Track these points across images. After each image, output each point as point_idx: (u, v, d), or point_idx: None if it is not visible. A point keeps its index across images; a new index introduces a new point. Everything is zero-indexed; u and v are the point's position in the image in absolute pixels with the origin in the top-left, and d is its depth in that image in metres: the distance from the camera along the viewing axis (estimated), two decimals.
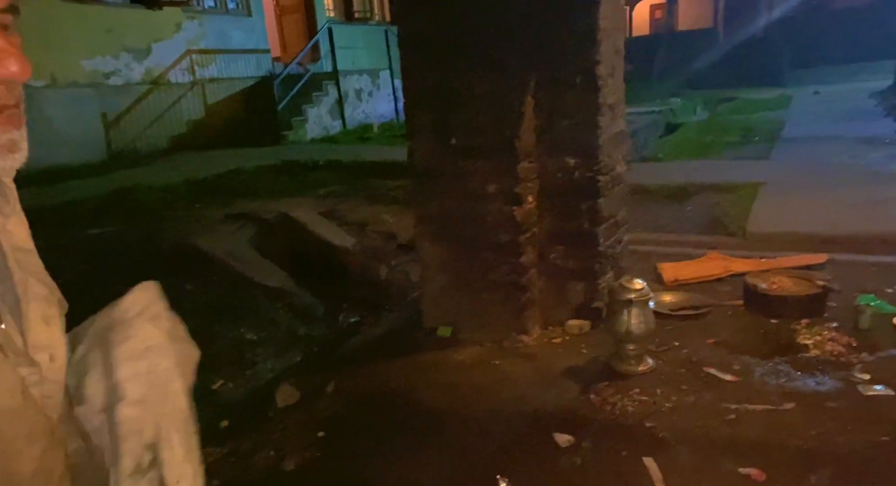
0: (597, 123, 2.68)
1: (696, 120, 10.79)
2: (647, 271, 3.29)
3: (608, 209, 2.80)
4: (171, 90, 9.22)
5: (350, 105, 11.39)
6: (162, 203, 5.64)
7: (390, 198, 5.76)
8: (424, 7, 2.69)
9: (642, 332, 2.34)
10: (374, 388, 2.48)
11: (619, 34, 2.85)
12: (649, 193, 5.15)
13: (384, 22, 13.50)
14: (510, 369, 2.51)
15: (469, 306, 2.87)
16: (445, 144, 2.80)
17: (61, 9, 7.63)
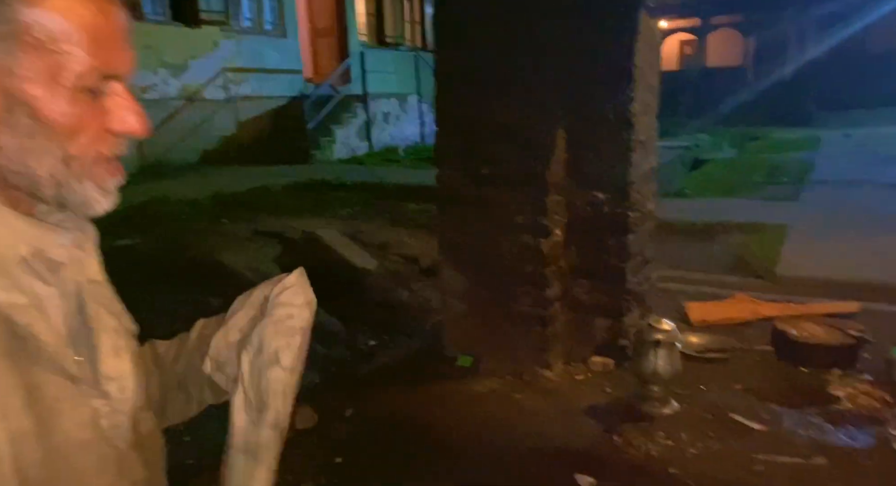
0: (628, 159, 2.67)
1: (723, 157, 10.73)
2: (673, 309, 3.24)
3: (637, 246, 2.77)
4: (205, 106, 9.43)
5: (377, 127, 11.54)
6: (189, 217, 5.73)
7: (414, 221, 5.78)
8: (463, 40, 2.73)
9: (669, 374, 2.29)
10: (392, 415, 2.46)
11: (653, 72, 2.86)
12: (674, 230, 5.10)
13: (415, 47, 13.73)
14: (531, 404, 2.47)
15: (490, 337, 2.85)
16: (474, 173, 2.81)
17: None
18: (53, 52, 0.56)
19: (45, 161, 0.59)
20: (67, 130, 0.58)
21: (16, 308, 0.59)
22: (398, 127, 12.24)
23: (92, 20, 0.58)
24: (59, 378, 0.62)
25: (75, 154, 0.59)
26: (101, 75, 0.59)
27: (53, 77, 0.56)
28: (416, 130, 12.56)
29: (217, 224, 5.49)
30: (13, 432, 0.57)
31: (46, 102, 0.57)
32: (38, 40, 0.55)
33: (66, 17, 0.56)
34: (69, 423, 0.63)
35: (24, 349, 0.59)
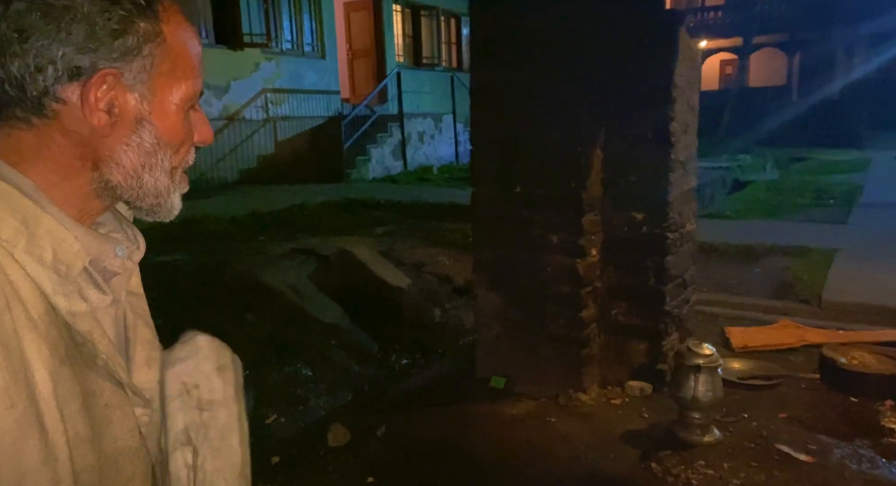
0: (668, 178, 2.62)
1: (765, 178, 10.49)
2: (714, 334, 3.15)
3: (676, 267, 2.71)
4: (245, 126, 9.68)
5: (412, 147, 11.66)
6: (228, 234, 5.85)
7: (447, 240, 5.78)
8: (498, 59, 2.74)
9: (710, 400, 2.22)
10: (424, 435, 2.43)
11: (693, 90, 2.82)
12: (715, 252, 4.98)
13: (451, 68, 13.88)
14: (566, 428, 2.41)
15: (524, 358, 2.81)
16: (509, 193, 2.80)
17: None
18: (175, 82, 0.64)
19: (156, 174, 0.65)
20: (176, 145, 0.66)
21: (76, 316, 0.61)
22: (433, 146, 12.34)
23: (197, 49, 0.66)
24: (112, 385, 0.64)
25: (176, 165, 0.67)
26: (200, 96, 0.67)
27: (173, 101, 0.64)
28: (451, 150, 12.63)
29: (255, 241, 5.59)
30: (70, 436, 0.59)
31: (169, 124, 0.64)
32: (165, 73, 0.63)
33: (182, 47, 0.64)
34: (119, 430, 0.65)
35: (82, 356, 0.62)
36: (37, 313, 0.58)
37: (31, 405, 0.56)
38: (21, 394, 0.55)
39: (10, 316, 0.56)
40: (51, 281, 0.59)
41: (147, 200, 0.66)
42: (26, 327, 0.57)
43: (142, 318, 0.73)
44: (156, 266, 4.43)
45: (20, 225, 0.58)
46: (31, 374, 0.57)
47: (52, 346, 0.58)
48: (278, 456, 2.37)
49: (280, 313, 3.75)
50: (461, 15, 13.97)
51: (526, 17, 2.66)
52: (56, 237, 0.60)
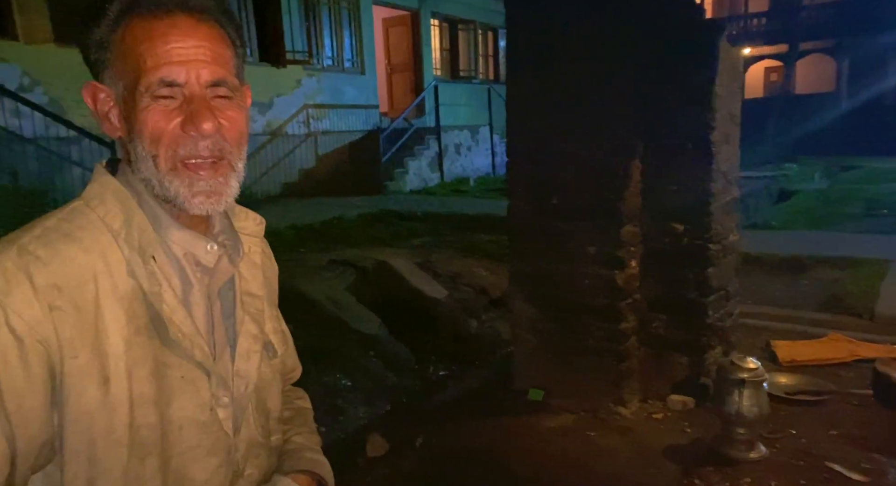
0: (708, 189, 2.58)
1: (813, 188, 10.16)
2: (759, 347, 3.06)
3: (718, 280, 2.65)
4: (287, 141, 9.92)
5: (449, 159, 11.73)
6: (271, 246, 5.98)
7: (483, 251, 5.79)
8: (536, 71, 2.76)
9: (755, 415, 2.15)
10: (461, 447, 2.43)
11: (734, 100, 2.77)
12: (760, 263, 4.84)
13: (488, 80, 13.95)
14: (605, 442, 2.38)
15: (562, 371, 2.78)
16: (546, 204, 2.80)
17: None
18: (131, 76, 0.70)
19: (146, 164, 0.72)
20: (148, 135, 0.71)
21: (156, 296, 0.71)
22: (469, 158, 12.38)
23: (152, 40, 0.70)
24: (189, 363, 0.73)
25: (157, 154, 0.72)
26: (162, 83, 0.70)
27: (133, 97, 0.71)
28: (488, 161, 12.65)
29: (295, 253, 5.70)
30: (135, 394, 0.69)
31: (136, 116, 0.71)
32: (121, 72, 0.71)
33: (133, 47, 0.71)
34: (189, 402, 0.73)
35: (161, 331, 0.71)
36: (124, 290, 0.70)
37: (95, 359, 0.67)
38: (86, 348, 0.67)
39: (95, 287, 0.68)
40: (137, 264, 0.71)
41: (158, 191, 0.74)
42: (111, 297, 0.69)
43: (251, 315, 0.82)
44: None
45: (125, 219, 0.72)
46: (106, 335, 0.68)
47: (130, 317, 0.69)
48: None
49: (319, 324, 3.81)
50: (498, 28, 14.04)
51: (563, 29, 2.67)
52: (142, 227, 0.73)
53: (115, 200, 0.73)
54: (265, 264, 0.89)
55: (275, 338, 0.86)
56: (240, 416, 0.78)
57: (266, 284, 0.87)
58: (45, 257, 0.67)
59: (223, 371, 0.76)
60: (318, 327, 3.79)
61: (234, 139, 0.76)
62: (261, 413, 0.83)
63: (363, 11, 11.19)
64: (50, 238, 0.69)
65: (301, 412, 0.99)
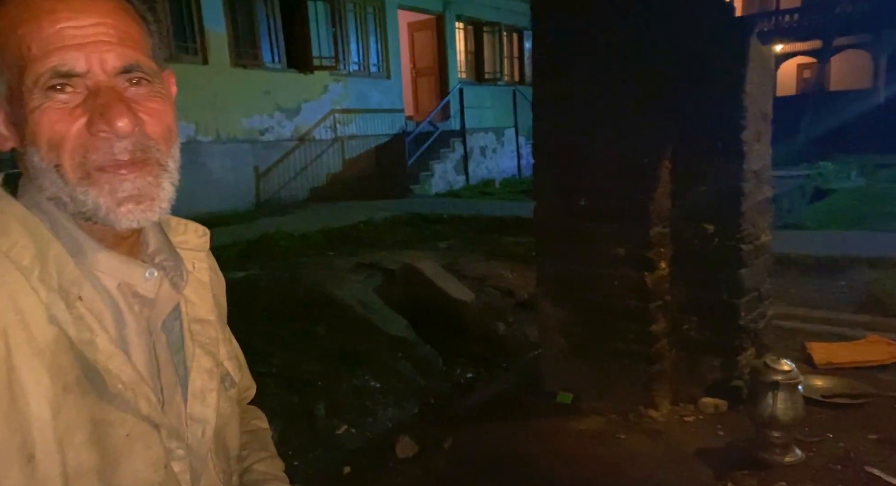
0: (740, 189, 2.54)
1: (850, 186, 9.90)
2: (793, 349, 3.00)
3: (751, 281, 2.61)
4: (314, 146, 10.06)
5: (474, 161, 11.74)
6: (299, 250, 6.07)
7: (510, 254, 5.78)
8: (562, 72, 2.75)
9: (790, 418, 2.11)
10: (491, 449, 2.44)
11: (766, 98, 2.73)
12: (795, 265, 4.74)
13: (513, 82, 13.93)
14: (636, 445, 2.36)
15: (591, 374, 2.77)
16: (573, 205, 2.79)
17: (229, 73, 8.70)
18: (13, 68, 0.57)
19: (48, 177, 0.59)
20: (45, 142, 0.58)
21: (87, 344, 0.58)
22: (495, 160, 12.38)
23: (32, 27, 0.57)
24: (133, 417, 0.61)
25: (59, 162, 0.58)
26: (56, 74, 0.57)
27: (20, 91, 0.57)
28: (513, 164, 12.63)
29: (324, 256, 5.77)
30: (70, 466, 0.56)
31: (26, 118, 0.57)
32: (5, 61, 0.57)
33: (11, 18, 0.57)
34: (140, 462, 0.61)
35: (96, 385, 0.58)
36: (44, 341, 0.56)
37: (16, 434, 0.54)
38: (1, 424, 0.54)
39: (4, 344, 0.55)
40: (59, 309, 0.57)
41: (71, 207, 0.60)
42: (28, 353, 0.55)
43: (203, 347, 0.71)
44: (232, 281, 4.66)
45: (37, 253, 0.58)
46: (26, 402, 0.55)
47: (55, 373, 0.56)
48: (349, 467, 2.43)
49: (348, 326, 3.85)
50: (524, 29, 14.01)
51: (589, 29, 2.66)
52: (60, 263, 0.58)
53: (21, 228, 0.58)
54: (213, 281, 0.76)
55: (230, 365, 0.74)
56: (199, 465, 0.67)
57: (216, 305, 0.75)
58: None
59: (175, 419, 0.65)
60: (346, 329, 3.83)
61: (159, 135, 0.62)
62: (221, 457, 0.72)
63: (388, 16, 11.29)
64: None
65: (258, 434, 0.88)
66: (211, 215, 7.73)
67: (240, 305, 4.02)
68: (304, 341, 3.57)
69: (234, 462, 0.77)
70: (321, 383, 3.13)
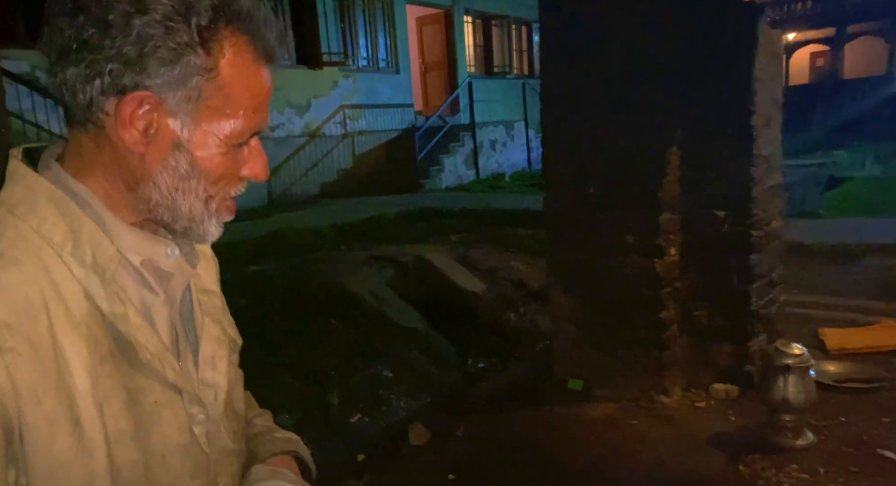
0: (750, 175, 2.54)
1: (865, 174, 9.78)
2: (807, 336, 2.99)
3: (762, 266, 2.61)
4: (324, 142, 10.10)
5: (484, 155, 11.73)
6: (311, 245, 6.12)
7: (520, 245, 5.79)
8: (570, 62, 2.76)
9: (801, 402, 2.12)
10: (503, 436, 2.46)
11: (775, 84, 2.72)
12: (809, 252, 4.71)
13: (522, 75, 13.89)
14: (648, 431, 2.37)
15: (603, 361, 2.78)
16: (582, 194, 2.80)
17: None
18: (223, 117, 0.63)
19: (190, 199, 0.65)
20: (213, 176, 0.65)
21: (120, 317, 0.62)
22: (505, 154, 12.36)
23: (257, 88, 0.65)
24: (160, 384, 0.65)
25: (213, 195, 0.66)
26: (252, 133, 0.66)
27: (217, 135, 0.63)
28: (523, 157, 12.60)
29: (336, 251, 5.82)
30: (111, 432, 0.60)
31: (207, 155, 0.64)
32: (212, 107, 0.62)
33: (237, 86, 0.63)
34: (168, 427, 0.66)
35: (128, 355, 0.63)
36: (80, 314, 0.60)
37: (63, 402, 0.58)
38: (49, 391, 0.57)
39: (47, 316, 0.58)
40: (93, 283, 0.61)
41: (180, 223, 0.66)
42: (66, 326, 0.59)
43: (210, 316, 0.75)
44: (247, 276, 4.72)
45: (69, 229, 0.61)
46: (69, 372, 0.58)
47: (92, 345, 0.60)
48: (364, 455, 2.47)
49: (362, 319, 3.89)
50: (532, 22, 13.95)
51: (595, 18, 2.67)
52: (95, 240, 0.62)
53: (51, 205, 0.61)
54: (212, 254, 0.82)
55: (232, 332, 0.80)
56: (213, 428, 0.72)
57: (216, 277, 0.81)
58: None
59: (191, 384, 0.70)
60: (360, 321, 3.87)
61: None
62: (231, 418, 0.76)
63: (397, 11, 11.29)
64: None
65: (245, 394, 0.90)
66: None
67: (254, 299, 4.09)
68: (319, 333, 3.61)
69: (242, 424, 0.80)
70: (335, 375, 3.17)
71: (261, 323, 3.52)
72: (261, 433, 0.86)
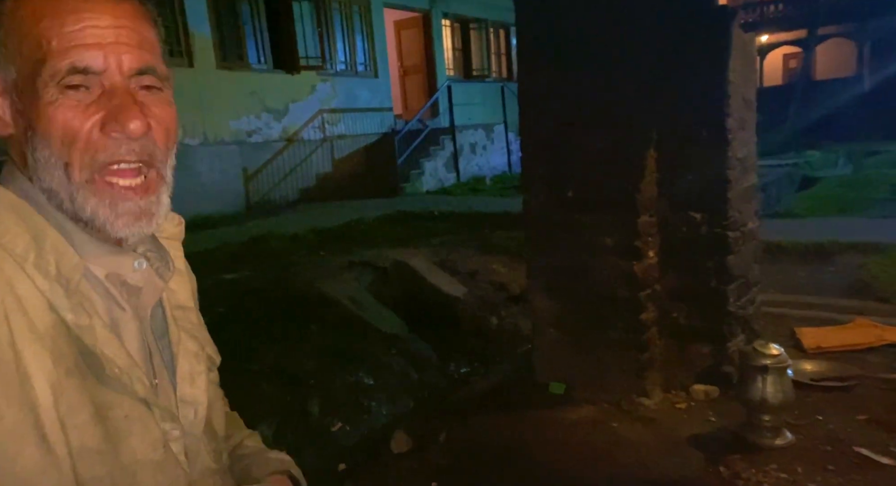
0: (725, 176, 2.57)
1: (837, 174, 9.98)
2: (784, 335, 3.02)
3: (738, 267, 2.63)
4: (303, 147, 10.02)
5: (465, 158, 11.75)
6: (290, 250, 6.06)
7: (501, 248, 5.79)
8: (546, 65, 2.76)
9: (779, 401, 2.13)
10: (485, 441, 2.45)
11: (749, 86, 2.75)
12: (783, 252, 4.77)
13: (501, 78, 13.94)
14: (629, 433, 2.37)
15: (583, 363, 2.78)
16: (561, 197, 2.80)
17: (215, 76, 8.65)
18: (27, 62, 0.58)
19: (51, 173, 0.59)
20: (58, 136, 0.58)
21: (86, 330, 0.60)
22: (485, 157, 12.39)
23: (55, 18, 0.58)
24: (130, 398, 0.63)
25: (71, 162, 0.59)
26: (74, 70, 0.58)
27: (31, 83, 0.57)
28: (503, 160, 12.65)
29: (316, 256, 5.76)
30: (75, 446, 0.58)
31: (38, 112, 0.58)
32: (11, 54, 0.58)
33: (26, 21, 0.58)
34: (139, 443, 0.63)
35: (94, 369, 0.60)
36: (43, 326, 0.58)
37: (27, 416, 0.56)
38: (12, 405, 0.55)
39: (8, 328, 0.56)
40: (58, 295, 0.59)
41: (68, 207, 0.61)
42: (28, 339, 0.57)
43: (187, 331, 0.73)
44: (224, 284, 4.65)
45: (31, 239, 0.59)
46: (31, 385, 0.56)
47: (57, 358, 0.58)
48: (344, 463, 2.44)
49: (341, 324, 3.85)
50: (510, 25, 14.00)
51: (571, 21, 2.67)
52: (58, 250, 0.60)
53: (13, 216, 0.59)
54: (187, 269, 0.78)
55: (210, 349, 0.77)
56: (194, 445, 0.70)
57: (192, 292, 0.77)
58: None
59: (167, 401, 0.68)
60: (339, 326, 3.84)
61: (163, 141, 0.65)
62: (210, 437, 0.74)
63: (374, 15, 11.26)
64: None
65: (231, 415, 0.90)
66: (200, 219, 7.68)
67: (232, 306, 4.02)
68: (297, 339, 3.56)
69: (223, 442, 0.78)
70: (315, 381, 3.13)
71: (238, 330, 3.46)
72: (253, 453, 0.85)
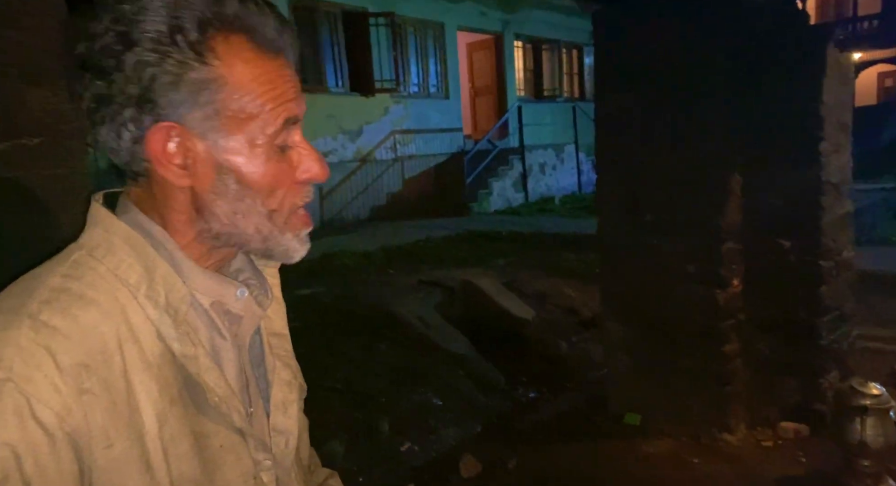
0: (818, 202, 2.43)
1: None
2: (884, 374, 2.80)
3: (832, 299, 2.47)
4: (375, 166, 10.28)
5: (533, 178, 11.68)
6: (360, 267, 6.19)
7: (570, 271, 5.68)
8: (625, 87, 2.72)
9: (881, 446, 1.97)
10: (556, 470, 2.39)
11: (844, 109, 2.60)
12: (879, 281, 4.44)
13: (573, 98, 13.83)
14: (710, 470, 2.25)
15: (660, 394, 2.68)
16: (638, 220, 2.73)
17: None
18: (247, 121, 0.60)
19: (252, 220, 0.63)
20: (267, 188, 0.62)
21: (191, 359, 0.62)
22: (554, 177, 12.27)
23: (268, 79, 0.61)
24: (226, 429, 0.64)
25: (276, 208, 0.63)
26: (285, 126, 0.62)
27: (250, 142, 0.61)
28: (573, 180, 12.48)
29: (385, 274, 5.86)
30: (175, 476, 0.60)
31: (251, 168, 0.61)
32: (233, 115, 0.60)
33: (248, 85, 0.60)
34: (232, 473, 0.64)
35: (196, 398, 0.62)
36: (152, 355, 0.60)
37: (135, 444, 0.58)
38: (121, 434, 0.57)
39: (122, 358, 0.58)
40: (166, 324, 0.61)
41: (254, 245, 0.65)
42: (139, 367, 0.58)
43: (282, 359, 0.74)
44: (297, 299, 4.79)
45: (144, 271, 0.61)
46: (139, 414, 0.58)
47: (163, 386, 0.59)
48: (413, 484, 2.43)
49: (409, 343, 3.88)
50: (583, 45, 13.94)
51: (650, 42, 2.63)
52: (168, 282, 0.62)
53: (128, 247, 0.62)
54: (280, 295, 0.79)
55: (300, 378, 0.78)
56: (284, 476, 0.70)
57: (284, 319, 0.78)
58: (65, 328, 0.56)
59: (260, 431, 0.68)
60: (407, 346, 3.86)
61: None
62: (299, 466, 0.74)
63: (448, 38, 11.49)
64: (63, 303, 0.57)
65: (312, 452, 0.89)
66: None
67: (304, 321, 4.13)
68: (367, 357, 3.61)
69: (308, 473, 0.78)
70: (384, 400, 3.16)
71: (310, 345, 3.55)
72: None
